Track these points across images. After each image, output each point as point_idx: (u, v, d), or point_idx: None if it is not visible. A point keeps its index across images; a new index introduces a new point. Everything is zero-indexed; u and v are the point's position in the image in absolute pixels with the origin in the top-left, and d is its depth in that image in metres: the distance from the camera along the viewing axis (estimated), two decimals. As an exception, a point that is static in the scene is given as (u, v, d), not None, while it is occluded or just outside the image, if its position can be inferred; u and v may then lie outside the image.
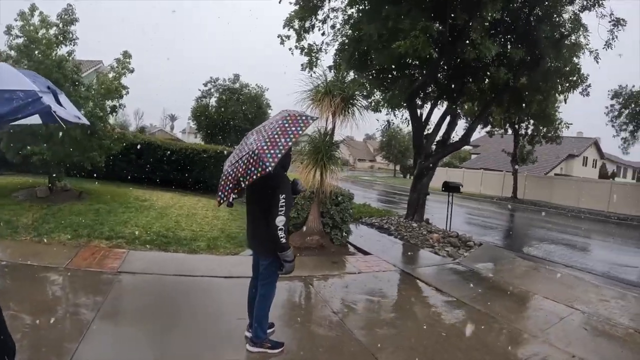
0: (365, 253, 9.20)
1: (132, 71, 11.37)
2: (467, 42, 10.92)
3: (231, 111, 33.15)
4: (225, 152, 15.59)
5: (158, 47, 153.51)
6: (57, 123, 3.22)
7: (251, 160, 3.63)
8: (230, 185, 3.81)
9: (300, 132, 3.86)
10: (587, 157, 51.39)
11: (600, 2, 11.67)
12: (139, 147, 14.74)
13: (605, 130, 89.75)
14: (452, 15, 11.32)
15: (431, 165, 13.80)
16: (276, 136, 3.72)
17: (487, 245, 11.43)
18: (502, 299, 7.09)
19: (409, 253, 10.07)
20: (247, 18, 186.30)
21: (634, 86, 27.75)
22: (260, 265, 4.32)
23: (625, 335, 5.91)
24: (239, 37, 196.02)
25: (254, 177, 3.58)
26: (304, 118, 3.98)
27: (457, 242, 10.93)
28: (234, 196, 3.93)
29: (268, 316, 4.39)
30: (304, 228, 9.10)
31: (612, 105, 28.61)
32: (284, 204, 3.87)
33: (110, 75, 11.31)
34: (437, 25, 10.47)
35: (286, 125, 3.83)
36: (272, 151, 3.61)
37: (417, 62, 12.78)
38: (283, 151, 3.65)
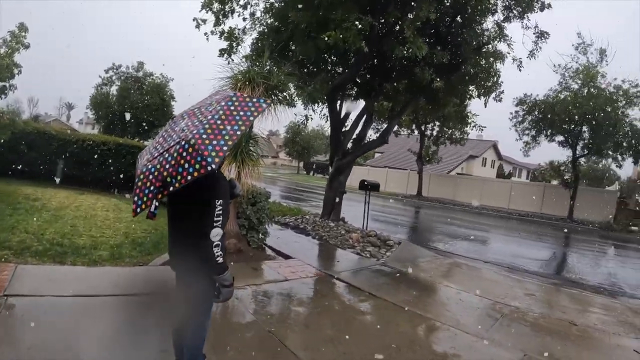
0: (286, 257, 8.67)
1: (27, 47, 10.06)
2: (397, 39, 10.75)
3: (132, 101, 31.10)
4: (128, 145, 14.06)
5: (59, 33, 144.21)
6: None
7: (184, 154, 2.60)
8: (152, 188, 2.70)
9: (252, 118, 2.89)
10: (486, 158, 55.04)
11: (524, 15, 12.13)
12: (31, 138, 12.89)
13: (502, 133, 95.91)
14: (386, 10, 11.11)
15: (348, 163, 13.54)
16: (219, 122, 2.75)
17: (406, 244, 11.45)
18: (437, 300, 7.22)
19: (332, 255, 9.73)
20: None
21: (537, 95, 29.80)
22: (186, 291, 3.30)
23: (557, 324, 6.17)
24: (148, 22, 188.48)
25: (189, 177, 2.56)
26: (254, 101, 3.01)
27: (377, 242, 10.83)
28: (156, 203, 2.97)
29: (202, 351, 3.40)
30: (220, 231, 8.35)
31: (516, 112, 30.61)
32: (220, 212, 2.91)
33: (2, 51, 9.87)
34: (370, 19, 10.06)
35: (232, 108, 2.86)
36: (214, 142, 2.63)
37: (341, 56, 12.54)
38: (230, 143, 2.68)
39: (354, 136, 14.05)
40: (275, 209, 13.82)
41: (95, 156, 13.19)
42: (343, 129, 13.86)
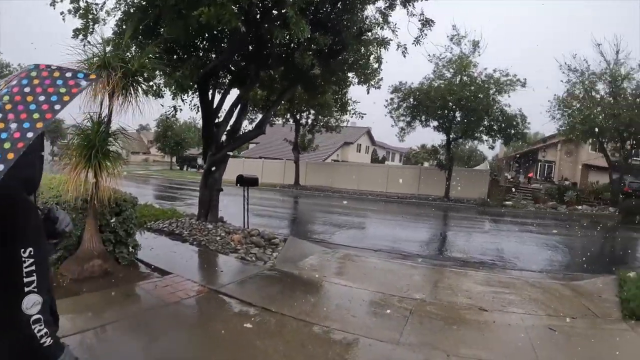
0: (164, 272, 7.41)
1: None
2: (278, 21, 9.91)
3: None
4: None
5: None
6: None
7: None
8: None
9: (59, 105, 1.62)
10: (360, 144, 56.90)
11: (409, 2, 11.93)
12: None
13: (375, 119, 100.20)
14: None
15: (223, 157, 12.56)
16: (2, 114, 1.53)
17: (292, 240, 10.80)
18: (338, 305, 6.61)
19: (215, 264, 8.75)
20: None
21: (412, 83, 31.77)
22: None
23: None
24: None
25: None
26: (67, 76, 1.72)
27: (261, 242, 10.04)
28: None
29: None
30: (79, 251, 6.90)
31: (391, 99, 32.31)
32: (33, 268, 1.73)
33: None
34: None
35: (27, 91, 1.62)
36: None
37: (215, 40, 11.68)
38: (20, 146, 1.48)
39: (228, 128, 13.07)
40: (147, 214, 12.35)
41: None
42: (216, 121, 12.84)
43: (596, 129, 29.55)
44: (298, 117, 35.11)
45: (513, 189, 35.69)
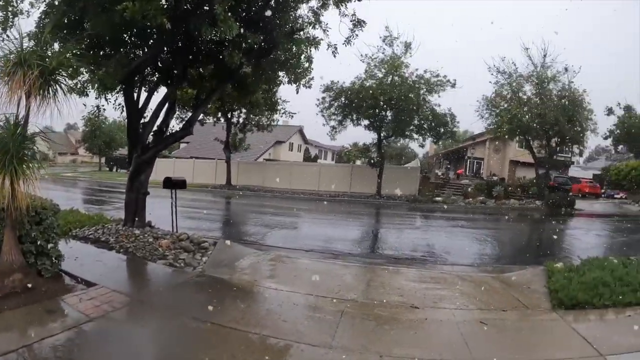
0: (89, 284, 7.06)
1: None
2: (207, 18, 9.69)
3: None
4: None
5: None
6: None
7: None
8: None
9: None
10: (292, 143, 57.00)
11: (342, 3, 11.91)
12: None
13: (308, 118, 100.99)
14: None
15: (150, 159, 12.19)
16: None
17: (222, 244, 10.54)
18: (270, 310, 6.61)
19: (142, 272, 8.53)
20: None
21: (344, 82, 32.18)
22: None
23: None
24: None
25: None
26: None
27: (190, 246, 9.78)
28: None
29: None
30: (-3, 266, 6.49)
31: (323, 98, 32.59)
32: None
33: None
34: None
35: None
36: None
37: (141, 36, 11.13)
38: None
39: (155, 128, 12.69)
40: (72, 220, 11.75)
41: None
42: (142, 120, 12.44)
43: (523, 128, 31.81)
44: (229, 116, 34.73)
45: (443, 186, 36.85)
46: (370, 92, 29.83)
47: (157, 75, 12.98)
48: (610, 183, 49.65)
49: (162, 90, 13.02)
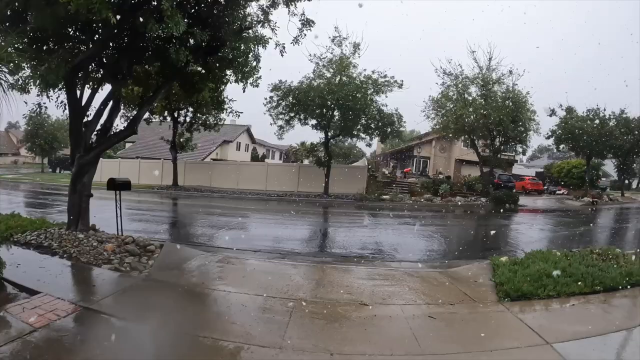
0: (32, 292, 6.75)
1: None
2: (153, 14, 9.47)
3: None
4: None
5: None
6: None
7: None
8: None
9: None
10: (240, 142, 56.91)
11: (292, 2, 11.89)
12: None
13: (255, 117, 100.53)
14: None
15: (93, 159, 11.82)
16: None
17: (169, 246, 10.46)
18: (219, 312, 6.65)
19: (88, 278, 8.15)
20: None
21: (292, 81, 32.26)
22: None
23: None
24: None
25: None
26: None
27: (136, 250, 9.54)
28: None
29: None
30: None
31: (271, 97, 32.54)
32: None
33: None
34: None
35: None
36: None
37: (86, 30, 10.74)
38: None
39: (99, 127, 12.33)
40: (13, 225, 11.24)
41: None
42: (85, 119, 12.04)
43: (468, 128, 33.56)
44: (176, 115, 33.96)
45: (391, 184, 37.42)
46: (318, 91, 30.07)
47: (101, 72, 12.53)
48: (552, 180, 53.13)
49: (107, 88, 12.59)
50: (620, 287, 7.96)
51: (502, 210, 27.35)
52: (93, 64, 12.14)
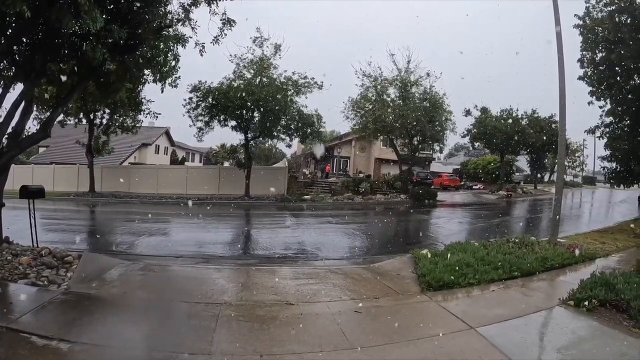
0: None
1: None
2: (70, 9, 9.03)
3: None
4: None
5: None
6: None
7: None
8: None
9: None
10: (159, 145, 55.64)
11: (214, 0, 11.78)
12: None
13: (174, 119, 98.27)
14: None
15: (4, 166, 11.17)
16: None
17: (88, 256, 9.87)
18: (145, 322, 6.41)
19: (2, 294, 7.56)
20: None
21: (212, 82, 31.64)
22: None
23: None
24: None
25: None
26: None
27: (53, 262, 8.99)
28: None
29: None
30: None
31: (190, 98, 31.62)
32: None
33: None
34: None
35: None
36: None
37: None
38: None
39: (10, 130, 11.66)
40: None
41: None
42: (-5, 122, 11.37)
43: (387, 128, 34.42)
44: (92, 117, 32.13)
45: (312, 184, 37.76)
46: (238, 92, 29.76)
47: (13, 70, 11.89)
48: (469, 176, 55.71)
49: (19, 88, 11.94)
50: (537, 272, 8.71)
51: (421, 206, 28.35)
52: (5, 62, 11.48)
